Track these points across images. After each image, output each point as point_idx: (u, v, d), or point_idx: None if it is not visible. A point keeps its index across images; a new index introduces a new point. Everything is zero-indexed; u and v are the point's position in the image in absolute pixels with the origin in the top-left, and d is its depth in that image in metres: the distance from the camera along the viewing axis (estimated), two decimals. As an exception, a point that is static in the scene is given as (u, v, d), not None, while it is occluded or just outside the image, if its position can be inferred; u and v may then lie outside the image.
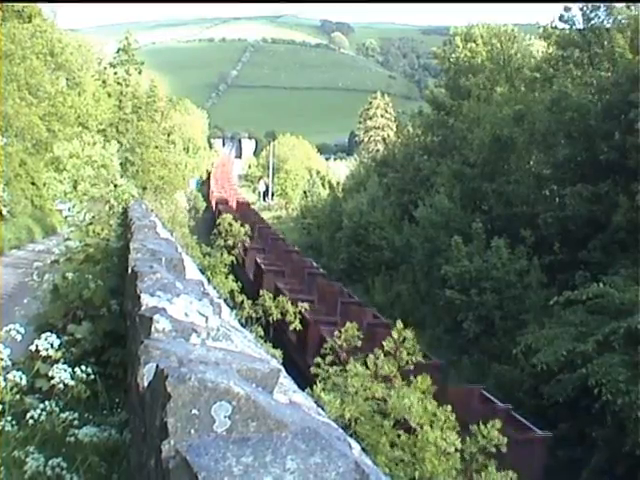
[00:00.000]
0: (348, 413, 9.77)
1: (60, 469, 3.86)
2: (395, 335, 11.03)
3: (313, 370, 11.18)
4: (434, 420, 9.76)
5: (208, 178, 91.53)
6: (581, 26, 35.72)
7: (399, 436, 9.82)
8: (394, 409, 9.78)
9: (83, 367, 4.91)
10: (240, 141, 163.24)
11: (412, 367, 10.95)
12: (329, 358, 11.35)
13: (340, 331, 11.88)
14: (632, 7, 34.15)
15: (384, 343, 11.07)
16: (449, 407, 10.15)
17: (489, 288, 28.84)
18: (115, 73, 48.89)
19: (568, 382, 20.70)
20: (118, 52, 50.41)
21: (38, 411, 4.45)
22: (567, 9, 35.60)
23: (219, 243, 19.83)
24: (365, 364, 10.87)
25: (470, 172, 37.72)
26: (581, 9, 34.95)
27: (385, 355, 10.92)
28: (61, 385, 4.70)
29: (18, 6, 41.51)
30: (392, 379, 10.62)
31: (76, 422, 4.53)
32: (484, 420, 10.01)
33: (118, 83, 47.67)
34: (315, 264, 35.77)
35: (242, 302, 14.80)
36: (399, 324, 11.22)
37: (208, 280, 12.99)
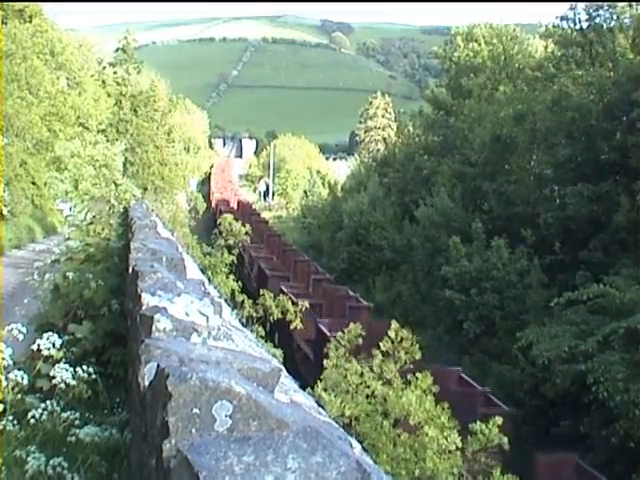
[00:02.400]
0: (348, 411, 9.78)
1: (61, 468, 3.86)
2: (392, 335, 11.03)
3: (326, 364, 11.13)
4: (433, 419, 9.76)
5: (209, 178, 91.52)
6: (583, 25, 35.71)
7: (400, 435, 9.83)
8: (393, 408, 9.79)
9: (84, 367, 4.92)
10: (241, 141, 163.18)
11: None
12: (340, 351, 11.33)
13: (344, 331, 11.88)
14: (634, 6, 34.12)
15: (381, 344, 11.05)
16: (446, 404, 10.14)
17: (489, 288, 28.83)
18: (114, 73, 48.86)
19: (567, 375, 20.71)
20: (117, 51, 50.39)
21: (39, 411, 4.46)
22: (572, 7, 35.59)
23: (220, 243, 19.83)
24: (369, 367, 10.87)
25: (471, 172, 37.73)
26: (585, 8, 34.92)
27: (383, 355, 10.92)
28: (62, 385, 4.71)
29: (19, 5, 41.53)
30: (391, 379, 10.63)
31: (77, 422, 4.53)
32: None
33: (117, 83, 47.63)
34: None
35: (243, 301, 14.81)
36: (394, 324, 11.21)
37: (209, 280, 13.00)
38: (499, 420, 9.84)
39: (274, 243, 40.81)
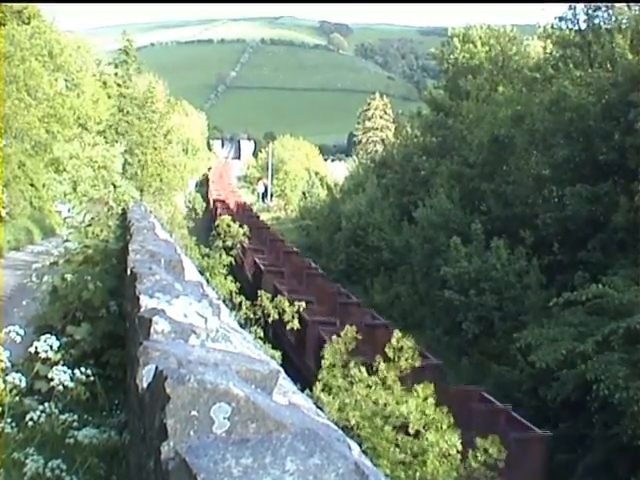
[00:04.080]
0: (353, 419, 9.77)
1: (60, 471, 3.86)
2: (394, 342, 11.04)
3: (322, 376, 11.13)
4: (433, 423, 9.76)
5: (207, 179, 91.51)
6: (581, 26, 35.71)
7: (401, 438, 9.83)
8: (393, 414, 9.79)
9: (82, 369, 4.91)
10: (239, 142, 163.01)
11: (410, 369, 10.96)
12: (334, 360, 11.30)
13: (339, 334, 11.87)
14: (632, 6, 34.11)
15: (386, 350, 11.07)
16: (445, 409, 10.16)
17: (488, 289, 28.82)
18: (115, 74, 48.80)
19: (567, 379, 20.71)
20: (119, 53, 50.30)
21: (37, 413, 4.45)
22: (571, 8, 35.58)
23: (218, 244, 19.85)
24: (369, 371, 10.86)
25: (469, 173, 37.73)
26: (584, 9, 34.93)
27: (385, 361, 10.94)
28: (60, 387, 4.70)
29: (18, 7, 41.52)
30: (391, 385, 10.64)
31: (75, 424, 4.53)
32: (484, 422, 10.00)
33: (118, 84, 47.59)
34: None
35: (241, 303, 14.82)
36: (397, 333, 11.23)
37: (207, 281, 12.99)
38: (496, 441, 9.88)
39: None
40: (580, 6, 35.40)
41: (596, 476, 19.35)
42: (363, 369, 10.73)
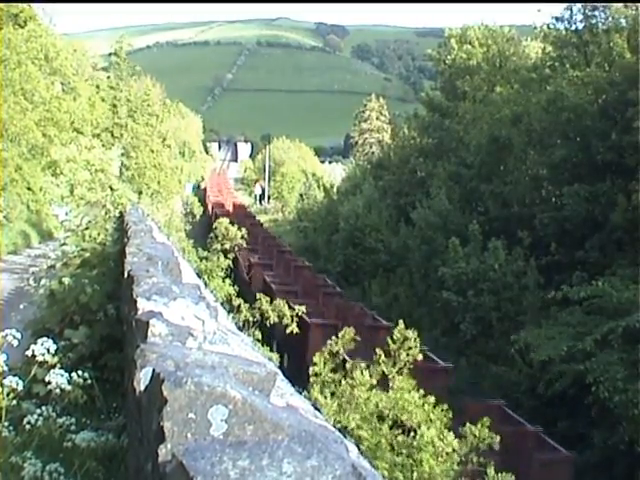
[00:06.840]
0: (353, 422, 9.76)
1: (57, 474, 3.85)
2: (396, 336, 11.02)
3: (312, 371, 11.11)
4: (431, 419, 9.75)
5: (204, 182, 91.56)
6: (578, 26, 35.76)
7: (397, 436, 9.82)
8: (392, 408, 9.77)
9: (80, 372, 4.90)
10: (236, 144, 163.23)
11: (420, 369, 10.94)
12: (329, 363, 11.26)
13: (337, 335, 11.83)
14: (630, 6, 34.12)
15: (388, 341, 11.06)
16: (445, 406, 10.15)
17: (486, 289, 28.82)
18: (108, 77, 48.87)
19: (566, 374, 20.72)
20: (110, 56, 50.41)
21: (35, 416, 4.44)
22: (568, 8, 35.62)
23: (216, 247, 19.84)
24: (369, 372, 10.85)
25: (467, 173, 37.75)
26: (581, 9, 34.96)
27: (385, 356, 10.92)
28: (58, 390, 4.69)
29: (14, 10, 41.43)
30: (390, 379, 10.62)
31: (73, 427, 4.52)
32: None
33: (111, 88, 47.61)
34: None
35: (239, 305, 14.79)
36: (400, 324, 11.21)
37: (205, 284, 12.97)
38: (487, 421, 9.85)
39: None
40: (577, 6, 35.44)
41: (595, 475, 19.35)
42: (366, 372, 10.70)
